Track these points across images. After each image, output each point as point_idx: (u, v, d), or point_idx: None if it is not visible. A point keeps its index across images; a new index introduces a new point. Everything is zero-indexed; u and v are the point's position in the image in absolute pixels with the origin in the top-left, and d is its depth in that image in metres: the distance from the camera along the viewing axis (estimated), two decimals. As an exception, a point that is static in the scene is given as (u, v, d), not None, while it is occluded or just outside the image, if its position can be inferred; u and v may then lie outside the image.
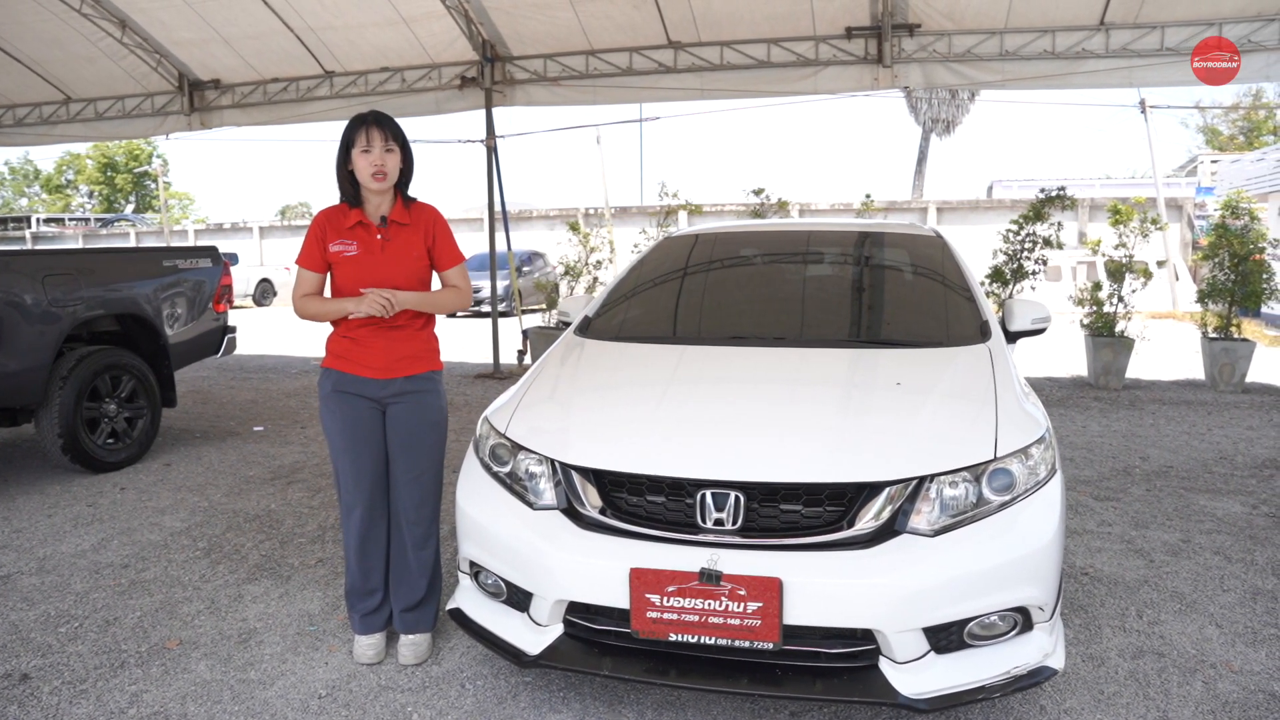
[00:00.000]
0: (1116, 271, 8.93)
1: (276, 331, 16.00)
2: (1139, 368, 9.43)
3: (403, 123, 3.05)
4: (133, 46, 10.47)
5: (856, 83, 9.01)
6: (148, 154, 46.33)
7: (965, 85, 8.92)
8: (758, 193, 10.41)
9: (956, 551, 2.35)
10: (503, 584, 2.65)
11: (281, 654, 3.13)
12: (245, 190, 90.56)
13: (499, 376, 9.72)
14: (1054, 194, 9.12)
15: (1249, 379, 8.74)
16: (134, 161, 46.41)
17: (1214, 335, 8.93)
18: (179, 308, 6.29)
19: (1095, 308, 9.06)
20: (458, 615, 2.82)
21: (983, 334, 3.35)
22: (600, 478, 2.53)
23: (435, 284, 3.11)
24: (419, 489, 3.04)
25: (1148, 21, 8.04)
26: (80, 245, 28.27)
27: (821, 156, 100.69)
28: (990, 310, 3.57)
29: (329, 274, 3.02)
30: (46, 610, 3.53)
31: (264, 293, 23.75)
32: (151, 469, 5.75)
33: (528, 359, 10.37)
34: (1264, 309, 9.06)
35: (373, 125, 2.89)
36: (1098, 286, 9.13)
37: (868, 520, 2.38)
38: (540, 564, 2.49)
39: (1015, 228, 9.28)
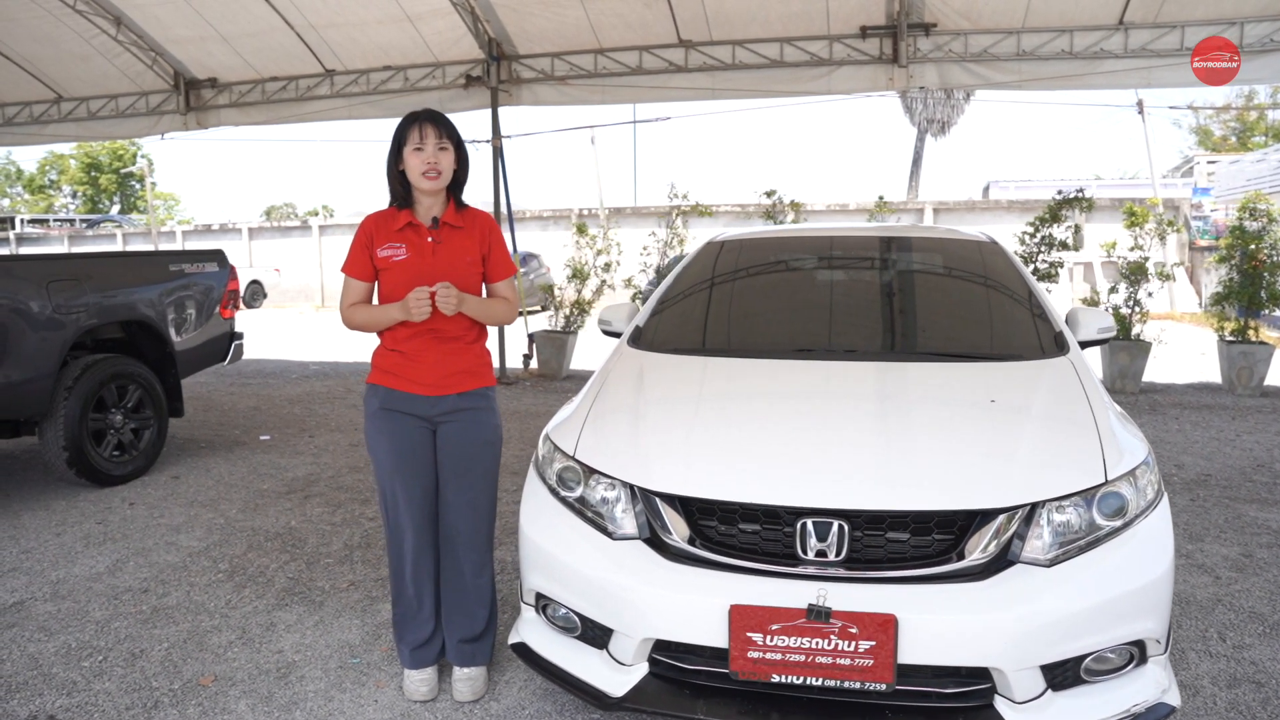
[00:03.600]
0: (1133, 273, 8.82)
1: (270, 334, 15.72)
2: (1152, 371, 9.33)
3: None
4: (127, 44, 10.18)
5: (871, 83, 8.85)
6: (132, 154, 45.53)
7: (982, 86, 8.79)
8: (769, 194, 10.26)
9: (1075, 582, 2.19)
10: (576, 618, 2.46)
11: (326, 690, 2.93)
12: (231, 191, 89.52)
13: (507, 381, 9.51)
14: (1073, 195, 9.01)
15: (1266, 382, 8.65)
16: (118, 161, 45.59)
17: (1231, 338, 8.83)
18: (186, 313, 6.06)
19: (1111, 310, 8.95)
20: (522, 650, 2.63)
21: (1059, 346, 3.19)
22: (687, 505, 2.35)
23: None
24: (473, 513, 2.84)
25: (1168, 21, 7.92)
26: (66, 247, 27.75)
27: (816, 157, 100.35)
28: (1062, 320, 3.41)
29: (377, 281, 2.83)
30: (66, 641, 3.31)
31: (254, 294, 23.40)
32: (159, 482, 5.52)
33: (534, 363, 10.18)
34: (1265, 311, 8.92)
35: (426, 122, 2.70)
36: (1113, 289, 9.02)
37: (978, 550, 2.21)
38: (625, 600, 2.30)
39: (1031, 229, 9.18)
